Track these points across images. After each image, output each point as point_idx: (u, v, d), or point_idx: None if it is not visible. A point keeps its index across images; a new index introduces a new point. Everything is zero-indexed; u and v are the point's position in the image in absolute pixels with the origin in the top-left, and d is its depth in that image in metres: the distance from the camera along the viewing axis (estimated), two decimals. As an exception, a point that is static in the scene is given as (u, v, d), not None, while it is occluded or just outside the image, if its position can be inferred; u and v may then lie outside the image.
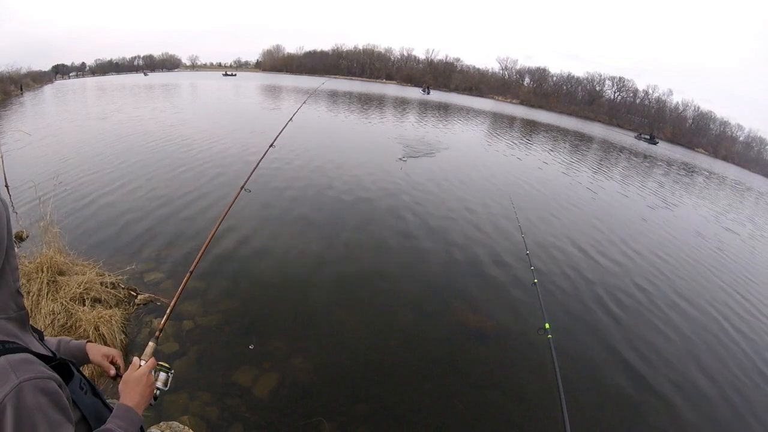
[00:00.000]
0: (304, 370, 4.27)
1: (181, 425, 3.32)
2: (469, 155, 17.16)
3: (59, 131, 17.07)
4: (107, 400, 1.53)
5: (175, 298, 2.07)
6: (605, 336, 5.61)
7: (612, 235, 9.78)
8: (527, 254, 5.39)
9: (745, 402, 4.93)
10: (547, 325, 3.43)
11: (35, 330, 1.36)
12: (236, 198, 2.95)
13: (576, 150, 26.17)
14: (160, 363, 1.67)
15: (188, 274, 2.25)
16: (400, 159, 14.01)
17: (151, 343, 1.78)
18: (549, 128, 38.95)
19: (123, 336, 4.49)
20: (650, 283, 7.52)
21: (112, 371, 1.63)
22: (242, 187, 3.21)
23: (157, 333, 1.90)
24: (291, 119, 5.51)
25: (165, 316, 2.01)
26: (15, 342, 1.12)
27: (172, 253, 6.38)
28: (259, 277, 6.01)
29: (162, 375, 1.67)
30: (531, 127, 36.19)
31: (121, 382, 1.51)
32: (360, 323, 5.16)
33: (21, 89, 42.70)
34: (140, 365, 1.56)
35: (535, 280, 4.50)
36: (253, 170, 3.50)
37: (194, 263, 2.32)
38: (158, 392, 1.62)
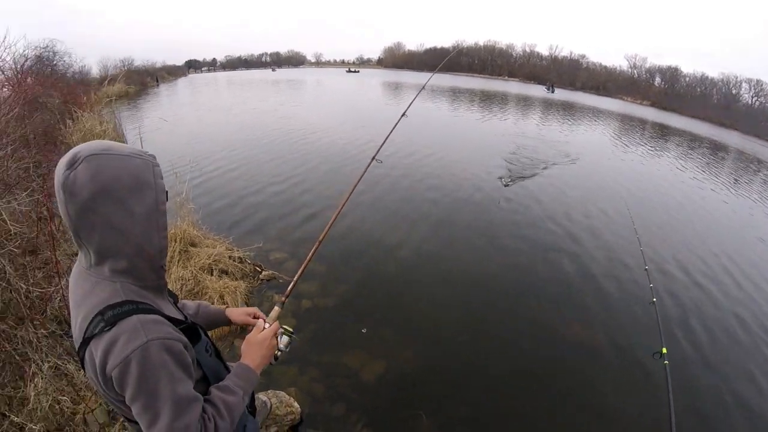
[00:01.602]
0: (411, 362, 4.32)
1: (287, 396, 3.49)
2: (589, 158, 16.03)
3: (191, 118, 18.70)
4: (228, 363, 1.66)
5: (306, 262, 2.14)
6: (732, 372, 4.94)
7: (747, 258, 8.63)
8: (646, 269, 4.98)
9: None
10: (663, 350, 3.13)
11: (171, 294, 1.49)
12: (366, 170, 2.99)
13: (709, 160, 23.77)
14: (284, 327, 1.77)
15: (317, 243, 2.32)
16: (508, 169, 13.43)
17: (276, 308, 1.87)
18: (681, 134, 35.44)
19: (245, 307, 4.82)
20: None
21: (261, 323, 1.73)
22: (373, 158, 3.23)
23: (283, 299, 1.98)
24: (423, 87, 5.62)
25: (293, 282, 2.08)
26: (149, 304, 1.23)
27: (296, 236, 6.87)
28: (377, 266, 6.21)
29: (284, 338, 1.76)
30: (661, 132, 33.23)
31: (244, 343, 1.61)
32: (470, 324, 5.10)
33: (157, 81, 47.15)
34: (264, 328, 1.67)
35: (654, 299, 4.09)
36: (385, 140, 3.51)
37: (324, 231, 2.39)
38: (279, 353, 1.72)
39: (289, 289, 2.06)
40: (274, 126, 17.17)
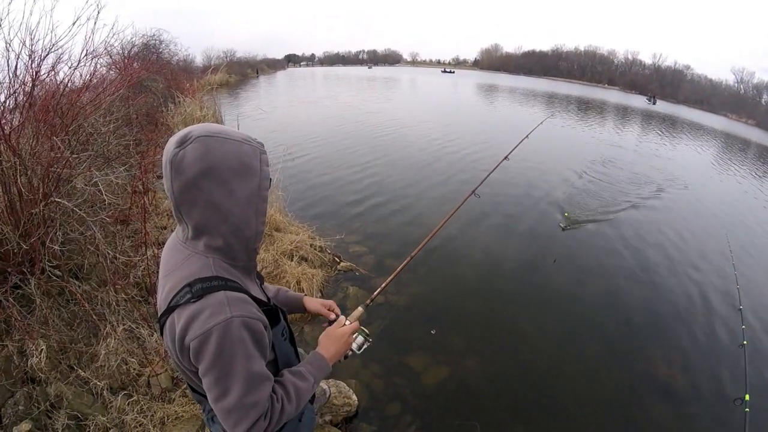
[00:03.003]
0: (475, 372, 4.17)
1: (347, 387, 3.52)
2: (689, 179, 14.50)
3: (286, 109, 19.35)
4: (299, 350, 1.70)
5: (395, 272, 2.33)
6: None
7: None
8: (740, 309, 4.52)
9: None
10: (747, 397, 2.89)
11: (258, 276, 1.51)
12: (464, 202, 3.08)
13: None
14: (362, 328, 1.81)
15: (408, 258, 2.50)
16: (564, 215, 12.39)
17: (360, 308, 1.95)
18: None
19: (319, 294, 4.95)
20: None
21: (333, 316, 1.81)
22: (473, 192, 3.31)
23: (368, 301, 2.08)
24: (527, 137, 5.43)
25: (380, 288, 2.24)
26: (237, 282, 1.25)
27: (377, 232, 6.93)
28: (455, 272, 6.06)
29: (359, 339, 1.79)
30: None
31: (323, 334, 1.67)
32: (542, 342, 4.80)
33: (257, 72, 49.78)
34: (345, 324, 1.72)
35: (745, 342, 3.86)
36: (485, 178, 3.55)
37: (417, 249, 2.56)
38: (350, 353, 1.74)
39: (375, 293, 2.19)
40: (369, 121, 17.51)
